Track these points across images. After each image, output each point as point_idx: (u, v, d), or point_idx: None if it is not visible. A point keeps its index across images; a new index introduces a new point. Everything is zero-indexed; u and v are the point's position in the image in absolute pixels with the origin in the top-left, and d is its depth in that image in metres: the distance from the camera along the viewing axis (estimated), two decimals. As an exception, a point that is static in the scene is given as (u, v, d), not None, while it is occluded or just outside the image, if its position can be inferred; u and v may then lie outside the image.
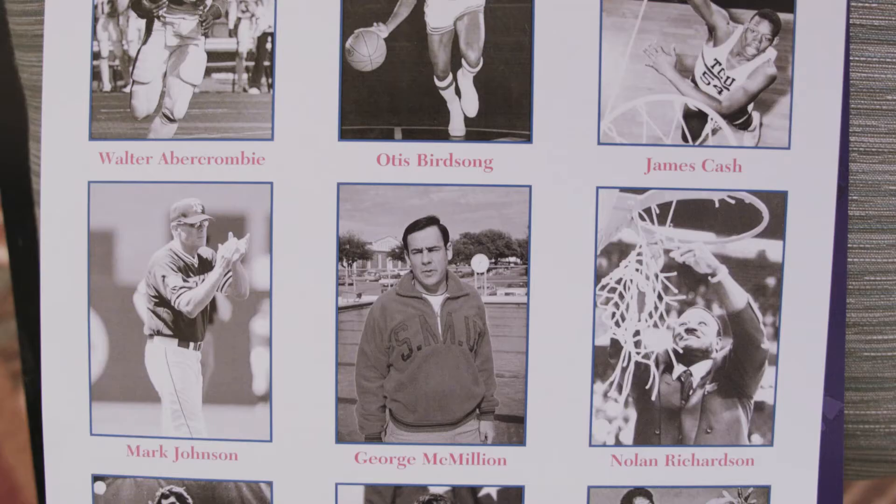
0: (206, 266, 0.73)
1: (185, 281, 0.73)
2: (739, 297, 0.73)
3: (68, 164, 0.72)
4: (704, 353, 0.74)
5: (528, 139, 0.71)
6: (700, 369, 0.74)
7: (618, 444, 0.73)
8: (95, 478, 0.74)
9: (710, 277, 0.73)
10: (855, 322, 0.79)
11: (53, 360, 0.73)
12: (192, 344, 0.73)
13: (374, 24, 0.71)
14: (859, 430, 0.82)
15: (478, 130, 0.71)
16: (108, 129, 0.72)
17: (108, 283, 0.73)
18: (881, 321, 0.79)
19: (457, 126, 0.71)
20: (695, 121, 0.72)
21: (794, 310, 0.73)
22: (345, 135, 0.71)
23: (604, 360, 0.73)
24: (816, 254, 0.73)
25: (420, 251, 0.72)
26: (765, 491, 0.74)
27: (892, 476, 0.89)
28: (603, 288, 0.72)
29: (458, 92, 0.71)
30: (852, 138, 0.75)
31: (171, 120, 0.72)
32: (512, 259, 0.72)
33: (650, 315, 0.73)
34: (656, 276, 0.73)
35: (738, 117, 0.72)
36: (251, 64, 0.72)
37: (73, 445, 0.74)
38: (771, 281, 0.73)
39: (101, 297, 0.73)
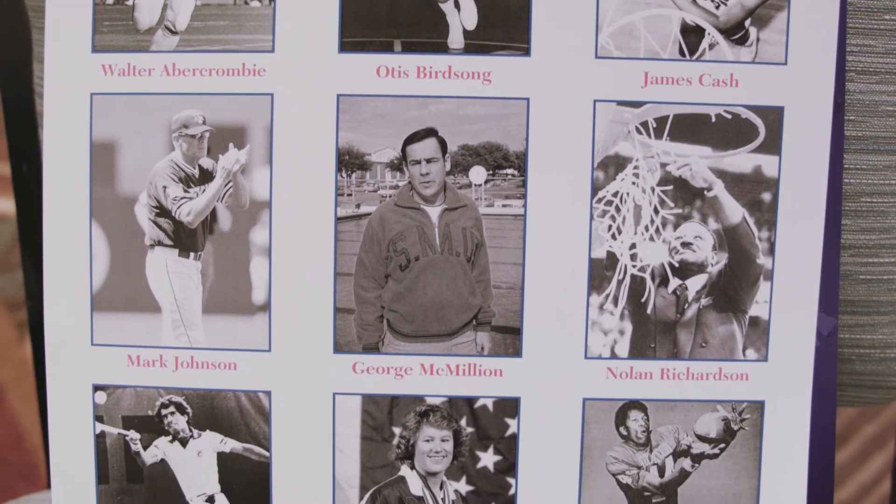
0: (206, 177, 0.74)
1: (185, 191, 0.74)
2: (735, 211, 0.73)
3: (71, 76, 0.73)
4: (700, 267, 0.74)
5: (526, 52, 0.71)
6: (695, 283, 0.74)
7: (613, 356, 0.74)
8: (96, 387, 0.75)
9: (705, 191, 0.73)
10: (851, 244, 0.79)
11: (55, 271, 0.74)
12: (192, 254, 0.74)
13: (375, -65, 0.71)
14: (854, 354, 0.83)
15: (476, 43, 0.72)
16: (111, 42, 0.73)
17: (110, 193, 0.74)
18: (877, 244, 0.79)
19: (455, 39, 0.72)
20: (692, 35, 0.72)
21: (789, 225, 0.73)
22: (345, 47, 0.72)
23: (600, 272, 0.73)
24: (812, 169, 0.73)
25: (418, 162, 0.73)
26: (759, 406, 0.75)
27: (887, 403, 0.90)
28: (599, 201, 0.73)
29: (457, 5, 0.72)
30: (850, 58, 0.75)
31: (173, 32, 0.72)
32: (509, 171, 0.72)
33: (646, 228, 0.73)
34: (652, 190, 0.73)
35: (735, 32, 0.72)
36: (252, -24, 0.72)
37: (75, 355, 0.74)
38: (766, 196, 0.73)
39: (102, 207, 0.74)
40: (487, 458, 0.75)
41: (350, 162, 0.72)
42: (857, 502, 1.53)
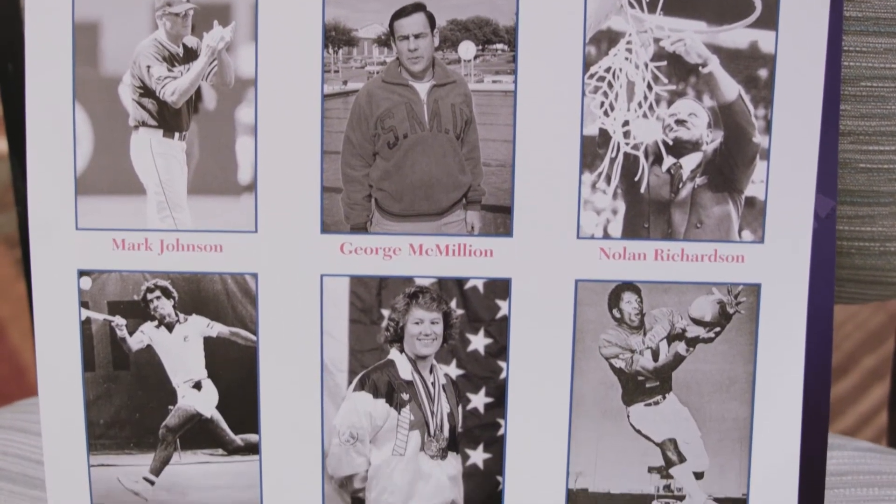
0: (191, 55, 0.73)
1: (169, 70, 0.72)
2: (730, 88, 0.72)
3: (52, -45, 0.72)
4: (695, 146, 0.72)
5: (515, -76, 0.70)
6: (690, 162, 0.73)
7: (606, 236, 0.73)
8: (81, 273, 0.74)
9: (700, 67, 0.72)
10: (850, 130, 0.78)
11: (39, 155, 0.73)
12: (177, 134, 0.73)
13: None
14: (854, 247, 0.81)
15: (465, -85, 0.70)
16: (93, -81, 0.71)
17: (94, 74, 0.72)
18: (877, 130, 0.78)
19: (444, -90, 0.70)
20: None
21: (786, 102, 0.72)
22: (330, -80, 0.70)
23: (592, 150, 0.72)
24: (810, 45, 0.71)
25: (406, 38, 0.71)
26: (755, 289, 0.73)
27: (886, 300, 0.88)
28: (591, 76, 0.71)
29: None
30: (848, -67, 0.73)
31: None
32: (499, 46, 0.71)
33: (639, 105, 0.72)
34: (646, 66, 0.71)
35: None
36: None
37: (59, 240, 0.73)
38: (763, 73, 0.72)
39: (86, 89, 0.72)
40: (478, 341, 0.74)
41: (337, 38, 0.71)
42: (856, 432, 1.53)
